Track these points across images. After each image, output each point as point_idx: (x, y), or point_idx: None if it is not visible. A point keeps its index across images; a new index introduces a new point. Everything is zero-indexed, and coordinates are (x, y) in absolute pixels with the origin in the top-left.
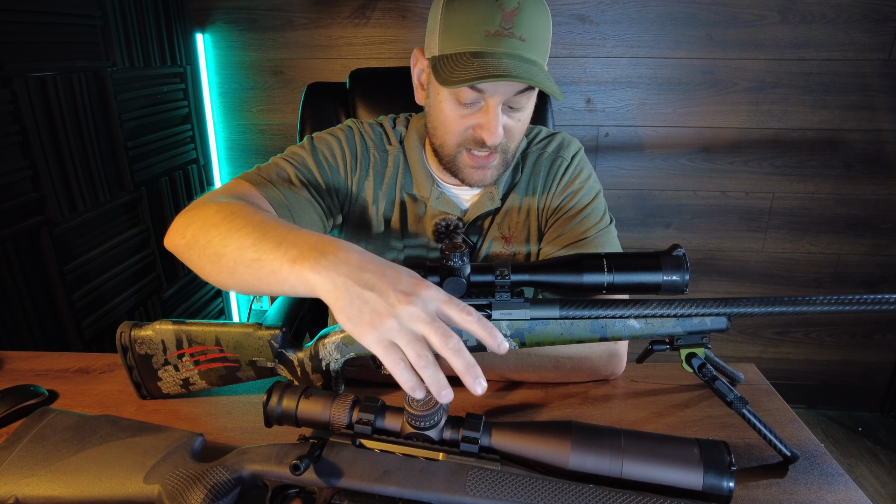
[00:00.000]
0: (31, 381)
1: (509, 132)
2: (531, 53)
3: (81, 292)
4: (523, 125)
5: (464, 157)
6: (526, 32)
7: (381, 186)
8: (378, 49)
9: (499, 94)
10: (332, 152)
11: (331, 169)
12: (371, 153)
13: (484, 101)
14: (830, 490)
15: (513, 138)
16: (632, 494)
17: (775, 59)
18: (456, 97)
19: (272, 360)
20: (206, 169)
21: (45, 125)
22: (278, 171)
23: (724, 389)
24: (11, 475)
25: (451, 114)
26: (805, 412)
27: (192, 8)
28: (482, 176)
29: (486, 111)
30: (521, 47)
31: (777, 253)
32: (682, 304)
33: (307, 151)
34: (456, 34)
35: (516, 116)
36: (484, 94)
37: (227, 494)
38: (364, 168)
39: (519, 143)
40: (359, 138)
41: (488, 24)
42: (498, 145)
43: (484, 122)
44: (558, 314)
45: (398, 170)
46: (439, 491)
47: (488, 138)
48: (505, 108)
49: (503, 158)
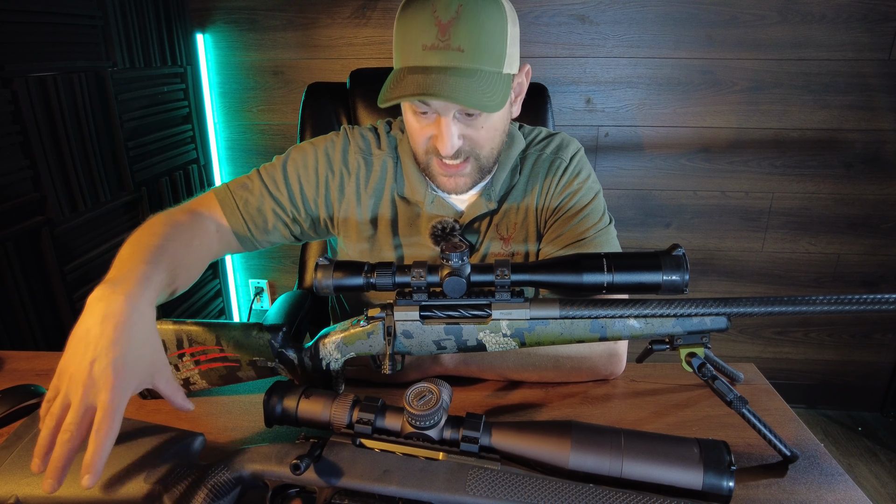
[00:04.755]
0: (31, 381)
1: (471, 141)
2: (472, 62)
3: (82, 292)
4: (489, 131)
5: (434, 164)
6: (465, 42)
7: (365, 190)
8: (378, 49)
9: (444, 107)
10: (306, 163)
11: (302, 178)
12: (353, 159)
13: (435, 114)
14: (830, 490)
15: (479, 146)
16: (632, 494)
17: (775, 59)
18: (412, 109)
19: (272, 359)
20: (206, 169)
21: (45, 125)
22: (243, 184)
23: (723, 389)
24: (12, 475)
25: (413, 125)
26: (805, 412)
27: (192, 8)
28: (454, 184)
29: (438, 123)
30: (459, 59)
31: (777, 253)
32: (682, 303)
33: (280, 164)
34: (399, 49)
35: (476, 125)
36: (430, 105)
37: (227, 494)
38: (344, 174)
39: (494, 147)
40: (341, 146)
41: (424, 38)
42: (461, 153)
43: (437, 134)
44: (558, 314)
45: (386, 173)
46: (439, 490)
47: (441, 149)
48: (462, 116)
49: (476, 165)
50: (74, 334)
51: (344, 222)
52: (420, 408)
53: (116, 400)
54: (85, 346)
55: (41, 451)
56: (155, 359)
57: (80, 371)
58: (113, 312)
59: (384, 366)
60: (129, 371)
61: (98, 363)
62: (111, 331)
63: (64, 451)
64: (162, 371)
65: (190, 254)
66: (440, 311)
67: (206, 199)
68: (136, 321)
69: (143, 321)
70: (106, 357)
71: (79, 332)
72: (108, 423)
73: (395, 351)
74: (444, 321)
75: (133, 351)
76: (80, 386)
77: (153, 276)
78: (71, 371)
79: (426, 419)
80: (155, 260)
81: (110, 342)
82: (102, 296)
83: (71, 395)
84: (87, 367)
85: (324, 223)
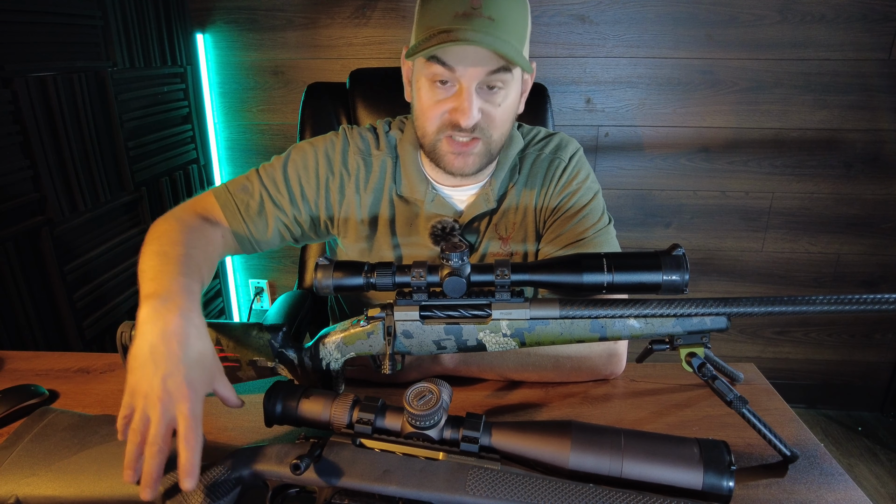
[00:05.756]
0: (31, 381)
1: (488, 118)
2: (502, 33)
3: (82, 292)
4: (505, 112)
5: (443, 143)
6: (495, 13)
7: (364, 190)
8: (378, 49)
9: (470, 74)
10: (306, 164)
11: (303, 180)
12: (353, 160)
13: (458, 84)
14: (830, 489)
15: (493, 125)
16: (632, 494)
17: (775, 59)
18: (430, 78)
19: (272, 359)
20: (206, 169)
21: (45, 125)
22: (244, 186)
23: (723, 389)
24: (12, 475)
25: (428, 99)
26: (805, 412)
27: (192, 8)
28: (462, 163)
29: (460, 92)
30: (490, 26)
31: (777, 253)
32: (682, 303)
33: (280, 165)
34: (427, 20)
35: (495, 101)
36: (455, 72)
37: (227, 494)
38: (344, 175)
39: (504, 133)
40: (340, 147)
41: (457, 7)
42: (476, 129)
43: (457, 104)
44: (558, 314)
45: (384, 173)
46: (439, 490)
47: (462, 119)
48: (482, 90)
49: (486, 147)
50: (137, 354)
51: (344, 223)
52: (420, 408)
53: (195, 409)
54: (154, 364)
55: (131, 463)
56: (213, 366)
57: (154, 388)
58: (172, 331)
59: (384, 366)
60: (198, 382)
61: (171, 379)
62: (176, 348)
63: (156, 462)
64: (219, 376)
65: (208, 259)
66: (440, 311)
67: (206, 201)
68: (193, 335)
69: (199, 333)
70: (178, 372)
71: (142, 351)
72: (194, 432)
73: (395, 351)
74: (444, 321)
75: (198, 363)
76: (158, 402)
77: (193, 287)
78: (144, 390)
79: (426, 419)
80: (188, 271)
81: (178, 359)
82: (156, 314)
83: (150, 412)
84: (161, 383)
85: (324, 224)
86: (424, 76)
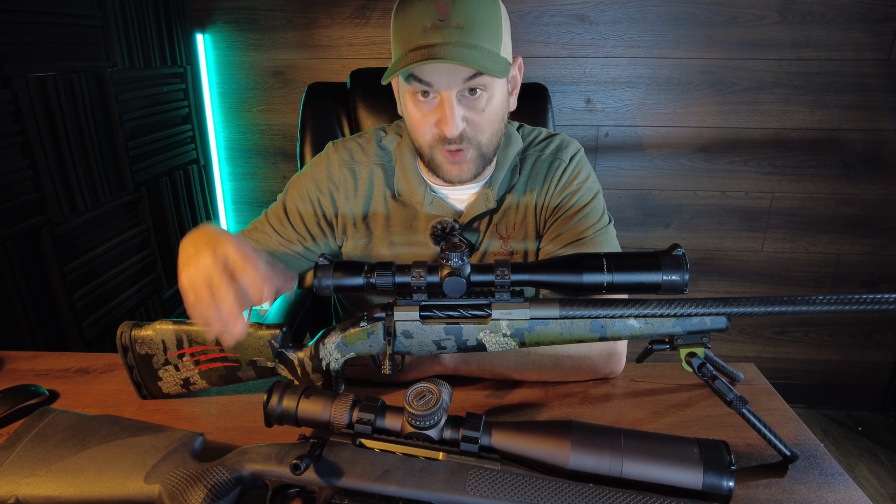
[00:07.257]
0: (31, 381)
1: (474, 124)
2: (472, 38)
3: (82, 292)
4: (490, 115)
5: (438, 154)
6: (464, 19)
7: (354, 197)
8: (378, 49)
9: (447, 85)
10: (301, 193)
11: (301, 209)
12: (338, 172)
13: (438, 95)
14: (830, 490)
15: (480, 130)
16: (632, 494)
17: (775, 59)
18: (413, 96)
19: (272, 359)
20: (206, 169)
21: (45, 125)
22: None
23: (723, 389)
24: (12, 475)
25: (415, 115)
26: (805, 412)
27: (192, 8)
28: (459, 171)
29: (441, 104)
30: (460, 35)
31: (776, 253)
32: (682, 303)
33: (281, 203)
34: (400, 38)
35: (478, 106)
36: (432, 87)
37: (227, 494)
38: (332, 188)
39: (493, 134)
40: (325, 165)
41: (424, 20)
42: (464, 138)
43: (441, 116)
44: (558, 314)
45: (374, 180)
46: (439, 490)
47: (447, 130)
48: (464, 97)
49: (477, 152)
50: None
51: (342, 231)
52: (420, 408)
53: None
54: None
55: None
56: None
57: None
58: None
59: (384, 366)
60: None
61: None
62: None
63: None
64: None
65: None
66: (440, 311)
67: None
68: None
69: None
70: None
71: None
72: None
73: (395, 351)
74: (444, 321)
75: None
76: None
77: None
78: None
79: (426, 419)
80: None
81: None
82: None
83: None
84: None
85: (331, 239)
86: (407, 92)
